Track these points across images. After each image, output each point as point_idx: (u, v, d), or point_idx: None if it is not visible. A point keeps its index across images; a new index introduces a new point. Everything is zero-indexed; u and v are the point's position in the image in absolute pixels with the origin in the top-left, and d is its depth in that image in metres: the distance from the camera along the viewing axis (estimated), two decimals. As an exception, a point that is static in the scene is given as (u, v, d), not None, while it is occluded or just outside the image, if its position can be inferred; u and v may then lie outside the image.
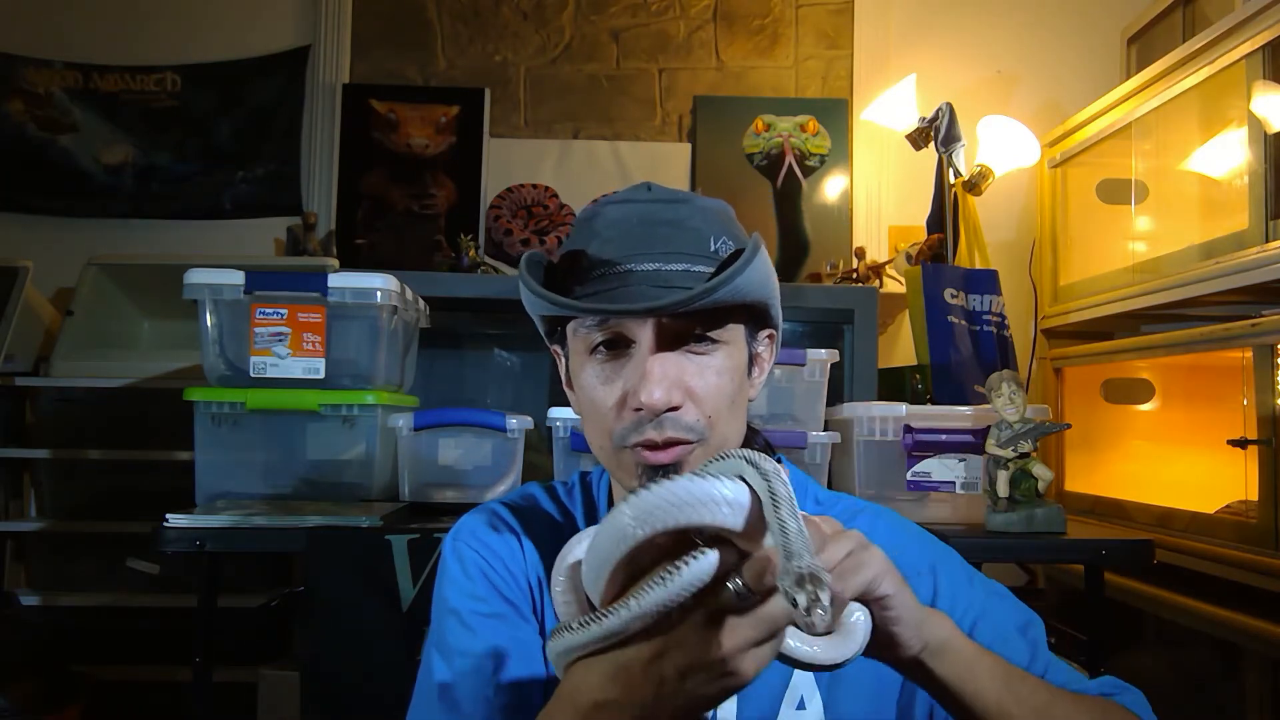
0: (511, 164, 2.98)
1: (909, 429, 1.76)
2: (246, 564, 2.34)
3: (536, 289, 0.83)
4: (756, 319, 0.89)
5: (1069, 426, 2.42)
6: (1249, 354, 1.89)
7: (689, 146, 3.00)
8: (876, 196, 2.94)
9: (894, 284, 2.63)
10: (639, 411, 0.82)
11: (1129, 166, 2.39)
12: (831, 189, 2.95)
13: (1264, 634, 1.78)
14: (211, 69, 3.00)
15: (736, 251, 0.85)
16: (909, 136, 2.45)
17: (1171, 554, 2.00)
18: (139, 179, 2.96)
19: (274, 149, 2.99)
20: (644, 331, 0.83)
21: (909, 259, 2.39)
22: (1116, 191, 2.55)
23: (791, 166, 2.94)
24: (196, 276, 1.77)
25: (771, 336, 0.93)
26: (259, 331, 1.74)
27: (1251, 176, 1.90)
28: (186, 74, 2.99)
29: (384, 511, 1.62)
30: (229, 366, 1.79)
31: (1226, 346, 1.96)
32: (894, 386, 2.18)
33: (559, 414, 1.74)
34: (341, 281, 1.76)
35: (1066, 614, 2.36)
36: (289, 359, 1.74)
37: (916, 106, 2.56)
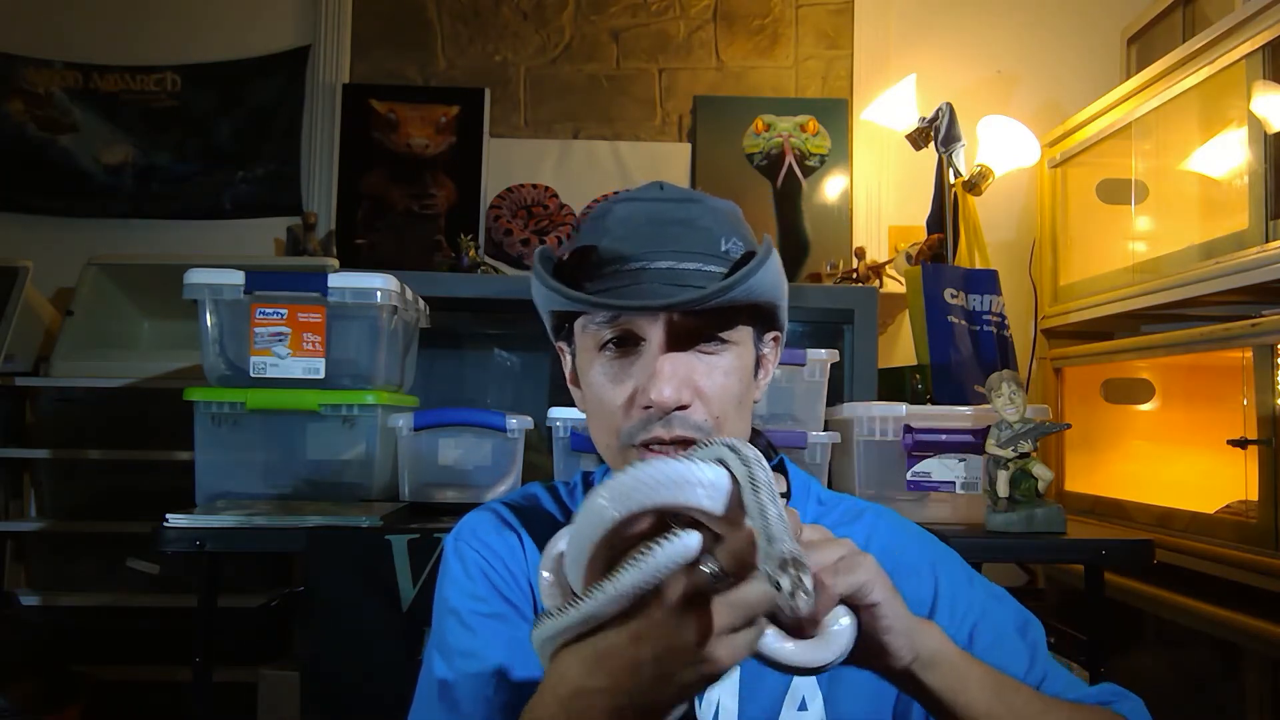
0: (511, 164, 2.97)
1: (909, 429, 1.76)
2: (246, 564, 2.34)
3: (551, 283, 0.83)
4: (764, 321, 0.90)
5: (1069, 426, 2.42)
6: (1249, 354, 1.89)
7: (689, 146, 3.00)
8: (876, 196, 2.94)
9: (894, 284, 2.63)
10: (648, 409, 0.82)
11: (1129, 166, 2.39)
12: (831, 189, 2.95)
13: (1264, 634, 1.78)
14: (211, 69, 3.00)
15: (749, 253, 0.86)
16: (909, 136, 2.45)
17: (1171, 554, 2.00)
18: (139, 179, 2.96)
19: (274, 149, 2.99)
20: (655, 329, 0.83)
21: (909, 259, 2.39)
22: (1116, 191, 2.54)
23: (791, 166, 2.94)
24: (196, 276, 1.77)
25: (777, 339, 0.93)
26: (259, 331, 1.74)
27: (1251, 176, 1.90)
28: (186, 74, 2.99)
29: (384, 511, 1.62)
30: (229, 366, 1.79)
31: (1226, 346, 1.96)
32: (894, 386, 2.18)
33: (559, 414, 1.74)
34: (341, 281, 1.76)
35: (1066, 614, 2.36)
36: (289, 359, 1.74)
37: (916, 106, 2.56)
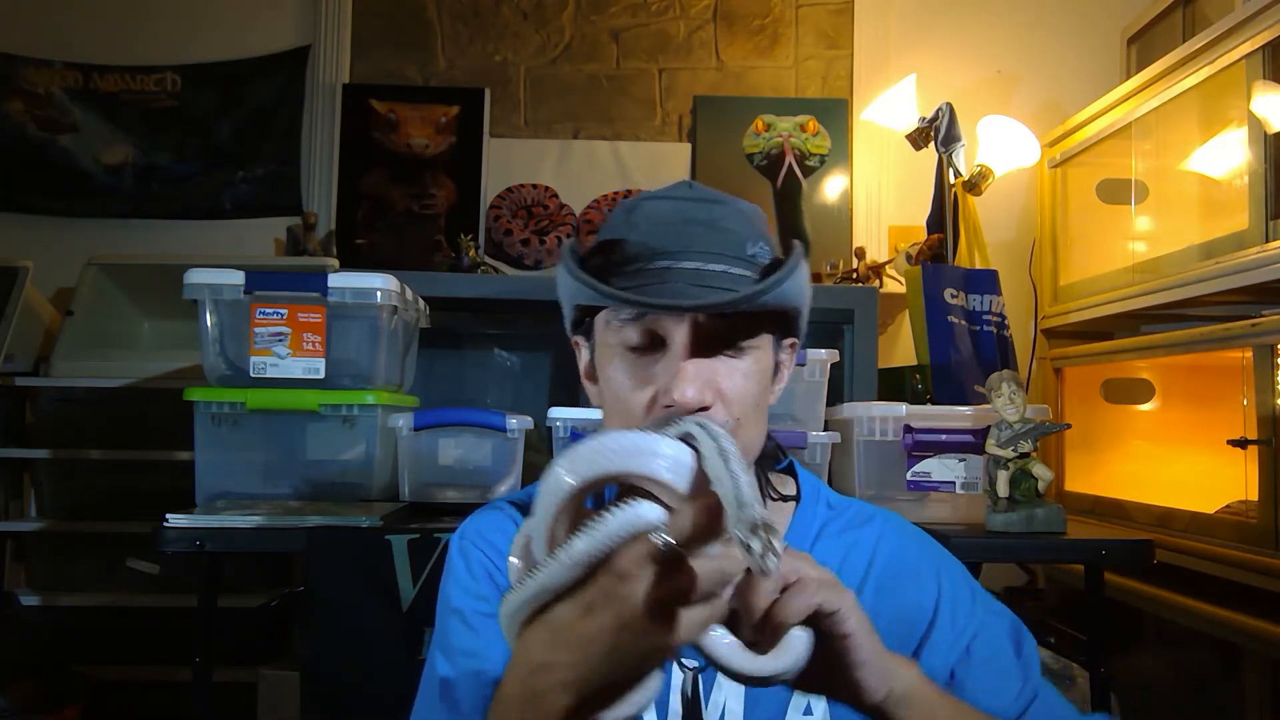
0: (511, 164, 2.98)
1: (909, 429, 1.76)
2: (246, 564, 2.34)
3: (581, 276, 0.83)
4: (785, 327, 0.90)
5: (1069, 426, 2.42)
6: (1249, 354, 1.89)
7: (689, 146, 3.00)
8: (876, 196, 2.94)
9: (894, 284, 2.63)
10: (669, 409, 0.82)
11: (1129, 166, 2.39)
12: (831, 189, 2.95)
13: (1264, 634, 1.78)
14: (211, 69, 3.00)
15: (776, 259, 0.86)
16: (909, 136, 2.45)
17: (1171, 554, 2.00)
18: (139, 179, 2.96)
19: (274, 149, 2.99)
20: (679, 329, 0.83)
21: (909, 259, 2.39)
22: (1116, 191, 2.54)
23: (791, 166, 2.94)
24: (196, 276, 1.76)
25: (794, 345, 0.94)
26: (259, 331, 1.73)
27: (1251, 176, 1.90)
28: (186, 74, 2.99)
29: (384, 511, 1.62)
30: (229, 366, 1.78)
31: (1226, 346, 1.96)
32: (894, 386, 2.18)
33: (559, 414, 1.74)
34: (341, 281, 1.76)
35: (1066, 614, 2.36)
36: (289, 359, 1.74)
37: (916, 106, 2.56)
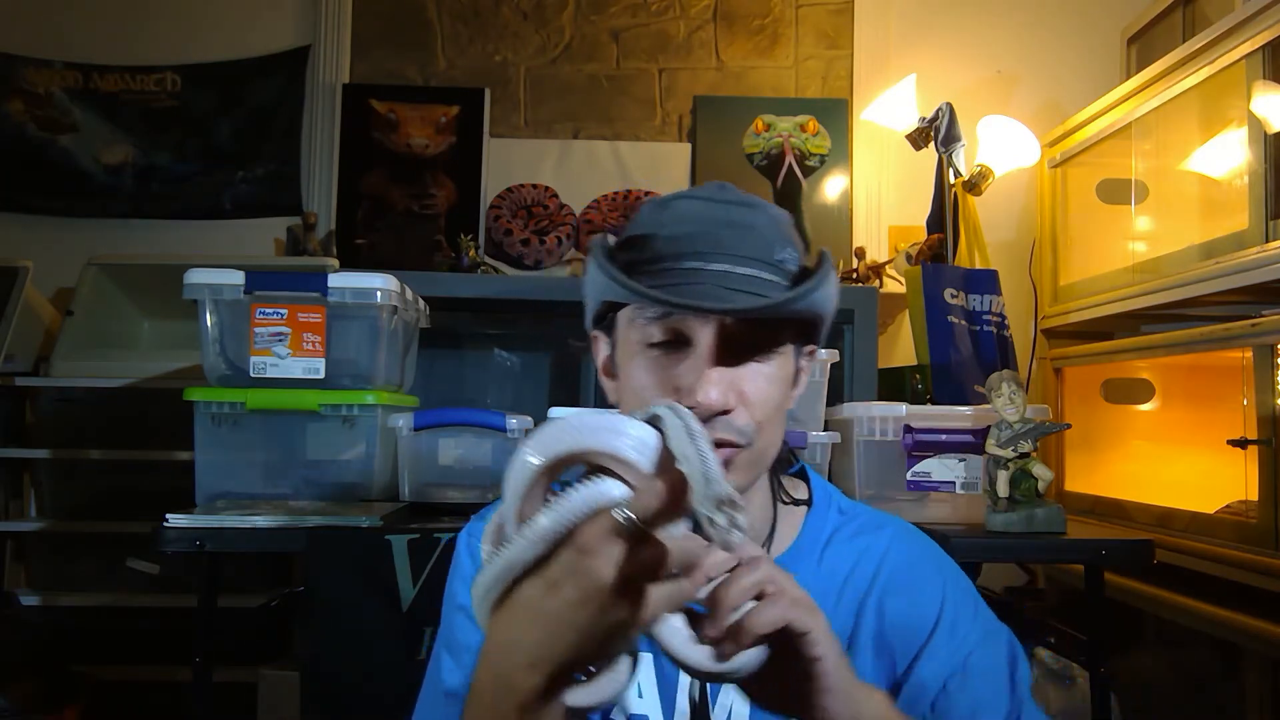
0: (511, 164, 2.97)
1: (909, 429, 1.75)
2: (246, 564, 2.34)
3: (611, 271, 0.83)
4: (807, 334, 0.90)
5: (1069, 426, 2.42)
6: (1249, 354, 1.89)
7: (689, 146, 3.00)
8: (876, 196, 2.94)
9: (894, 284, 2.63)
10: (692, 410, 0.82)
11: (1129, 166, 2.39)
12: (831, 189, 2.95)
13: (1264, 634, 1.78)
14: (211, 69, 3.00)
15: (804, 266, 0.87)
16: (909, 136, 2.45)
17: (1171, 554, 2.00)
18: (139, 179, 2.96)
19: (274, 149, 2.99)
20: (705, 331, 0.82)
21: (909, 259, 2.39)
22: (1116, 191, 2.54)
23: (791, 166, 2.94)
24: (196, 276, 1.76)
25: (812, 352, 0.93)
26: (259, 331, 1.73)
27: (1251, 176, 1.90)
28: (186, 74, 2.99)
29: (384, 511, 1.62)
30: (229, 366, 1.78)
31: (1226, 346, 1.96)
32: (894, 386, 2.18)
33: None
34: (341, 281, 1.76)
35: (1066, 614, 2.36)
36: (289, 359, 1.74)
37: (916, 106, 2.56)
